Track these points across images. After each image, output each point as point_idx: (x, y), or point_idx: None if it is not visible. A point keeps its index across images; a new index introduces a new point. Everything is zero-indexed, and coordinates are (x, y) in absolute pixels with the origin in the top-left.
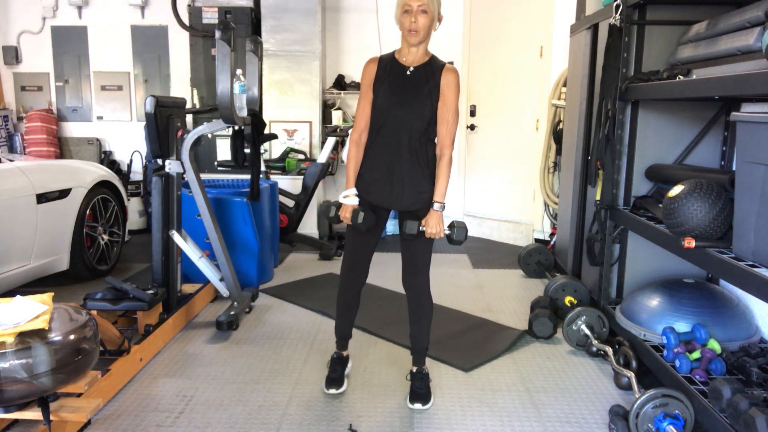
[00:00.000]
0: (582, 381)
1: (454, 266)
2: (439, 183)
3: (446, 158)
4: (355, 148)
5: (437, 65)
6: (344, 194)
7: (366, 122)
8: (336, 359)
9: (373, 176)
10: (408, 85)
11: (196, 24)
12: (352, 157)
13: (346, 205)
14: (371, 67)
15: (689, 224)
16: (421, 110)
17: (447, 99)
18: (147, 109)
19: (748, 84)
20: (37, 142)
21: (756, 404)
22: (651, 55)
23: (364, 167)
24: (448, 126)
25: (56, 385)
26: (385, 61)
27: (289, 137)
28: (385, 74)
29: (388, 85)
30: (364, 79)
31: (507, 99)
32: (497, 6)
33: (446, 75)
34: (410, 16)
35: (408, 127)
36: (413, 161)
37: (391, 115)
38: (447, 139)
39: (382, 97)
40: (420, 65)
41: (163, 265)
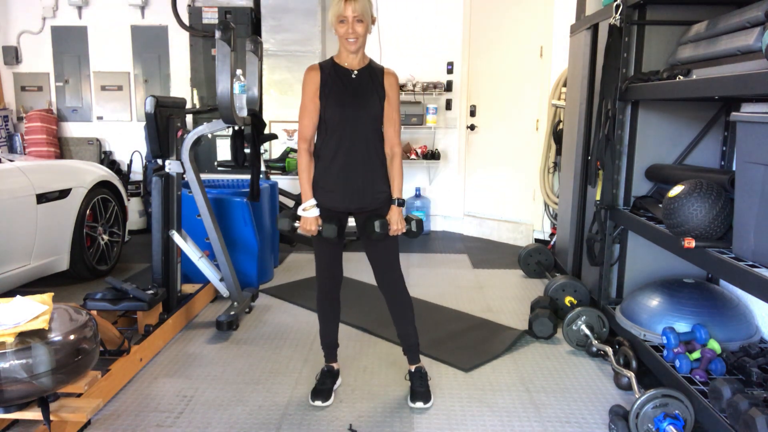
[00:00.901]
0: (582, 381)
1: (454, 266)
2: (395, 181)
3: (398, 156)
4: (307, 158)
5: (377, 68)
6: (303, 207)
7: (314, 130)
8: (326, 372)
9: (330, 182)
10: (356, 88)
11: (196, 24)
12: (304, 168)
13: (307, 217)
14: (313, 74)
15: (689, 224)
16: (373, 109)
17: (392, 100)
18: (147, 109)
19: (748, 84)
20: (37, 142)
21: (756, 404)
22: (651, 55)
23: (319, 175)
24: (396, 126)
25: (56, 385)
26: (327, 67)
27: (289, 137)
28: (330, 79)
29: (336, 90)
30: (308, 87)
31: (507, 99)
32: (497, 6)
33: (388, 77)
34: (346, 26)
35: (360, 128)
36: (368, 162)
37: (344, 119)
38: (395, 138)
39: (333, 102)
40: (363, 68)
41: (163, 265)
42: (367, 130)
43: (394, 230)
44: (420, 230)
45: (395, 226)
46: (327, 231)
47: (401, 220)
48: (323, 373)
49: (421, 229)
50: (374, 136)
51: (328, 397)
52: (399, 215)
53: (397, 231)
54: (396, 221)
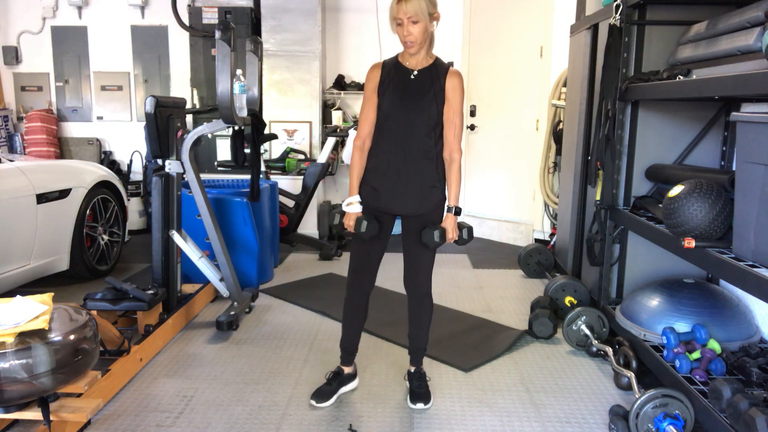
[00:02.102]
0: (582, 381)
1: (454, 266)
2: (452, 188)
3: (456, 162)
4: (359, 154)
5: (442, 68)
6: (347, 201)
7: (370, 128)
8: (336, 373)
9: (378, 182)
10: (413, 89)
11: (196, 24)
12: (355, 164)
13: (350, 213)
14: (375, 72)
15: (689, 224)
16: (427, 113)
17: (452, 102)
18: (147, 109)
19: (748, 84)
20: (37, 142)
21: (756, 404)
22: (651, 55)
23: (369, 173)
24: (456, 130)
25: (56, 385)
26: (389, 65)
27: (289, 137)
28: (389, 79)
29: (392, 89)
30: (369, 85)
31: (507, 99)
32: (497, 6)
33: (451, 78)
34: (402, 29)
35: (413, 130)
36: (419, 166)
37: (396, 119)
38: (455, 143)
39: (387, 102)
40: (424, 68)
41: (163, 265)
42: (420, 132)
43: (449, 238)
44: (470, 238)
45: (449, 234)
46: (357, 226)
47: (455, 229)
48: (334, 373)
49: (472, 237)
50: (428, 139)
51: (328, 398)
52: (454, 223)
53: (452, 239)
54: (451, 229)
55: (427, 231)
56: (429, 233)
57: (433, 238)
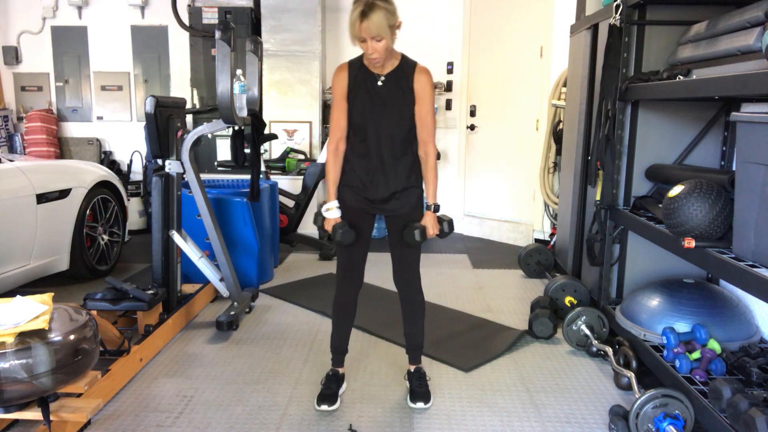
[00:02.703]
0: (582, 381)
1: (454, 266)
2: (429, 185)
3: (431, 159)
4: (334, 159)
5: (409, 68)
6: (326, 207)
7: (342, 132)
8: (331, 376)
9: (357, 183)
10: (382, 95)
11: (196, 24)
12: (330, 169)
13: (328, 218)
14: (341, 75)
15: (689, 224)
16: (398, 117)
17: (423, 101)
18: (147, 109)
19: (748, 84)
20: (37, 142)
21: (756, 404)
22: (651, 55)
23: (347, 175)
24: (428, 128)
25: (56, 385)
26: (356, 68)
27: (289, 137)
28: (357, 84)
29: (361, 97)
30: (337, 89)
31: (507, 99)
32: (497, 6)
33: (419, 77)
34: (367, 46)
35: (387, 134)
36: (396, 167)
37: (369, 125)
38: (429, 140)
39: (358, 108)
40: (391, 72)
41: (163, 265)
42: (394, 136)
43: (430, 234)
44: (451, 230)
45: (430, 231)
46: (337, 234)
47: (435, 225)
48: (328, 377)
49: (452, 229)
50: (402, 141)
51: (333, 401)
52: (433, 220)
53: (432, 235)
54: (431, 226)
55: (408, 230)
56: (410, 232)
57: (414, 237)
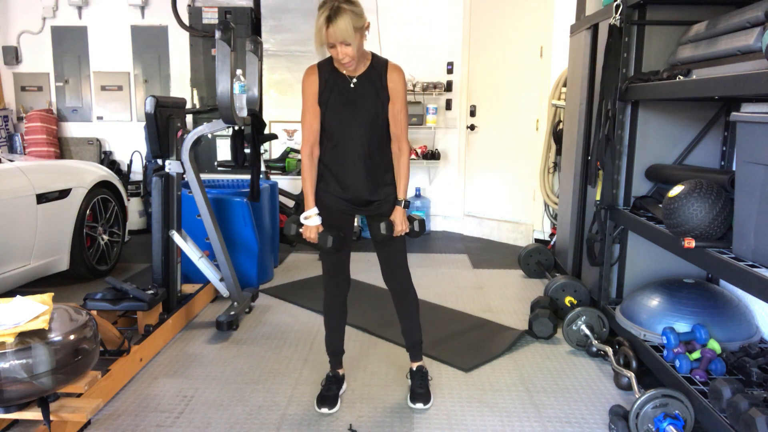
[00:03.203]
0: (582, 381)
1: (454, 266)
2: (401, 181)
3: (404, 156)
4: (309, 163)
5: (380, 66)
6: (305, 215)
7: (315, 136)
8: (331, 377)
9: (335, 186)
10: (355, 97)
11: (196, 24)
12: (307, 175)
13: (308, 226)
14: (311, 78)
15: (689, 224)
16: (373, 118)
17: (396, 98)
18: (147, 109)
19: (748, 84)
20: (37, 142)
21: (756, 404)
22: (651, 55)
23: (324, 179)
24: (401, 124)
25: (56, 385)
26: (326, 71)
27: (289, 137)
28: (328, 87)
29: (334, 99)
30: (307, 92)
31: (507, 99)
32: (497, 6)
33: (392, 75)
34: (336, 50)
35: (362, 136)
36: (373, 167)
37: (343, 129)
38: (402, 137)
39: (331, 112)
40: (363, 73)
41: (163, 265)
42: (369, 136)
43: (398, 231)
44: (422, 230)
45: (398, 227)
46: (322, 240)
47: (404, 221)
48: (329, 379)
49: (424, 229)
50: (377, 141)
51: (334, 403)
52: (402, 216)
53: (401, 232)
54: (400, 222)
55: (374, 224)
56: (375, 226)
57: (379, 230)
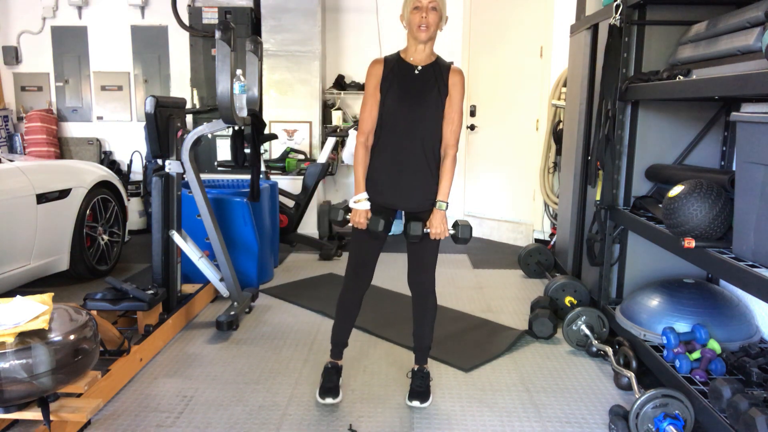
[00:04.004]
0: (582, 381)
1: (454, 266)
2: (443, 182)
3: (450, 158)
4: (363, 151)
5: (444, 65)
6: (355, 199)
7: (373, 124)
8: (331, 369)
9: (382, 178)
10: (417, 84)
11: (196, 24)
12: (360, 161)
13: (358, 210)
14: (377, 67)
15: (689, 224)
16: (432, 109)
17: (454, 99)
18: (147, 109)
19: (748, 84)
20: (37, 142)
21: (756, 404)
22: (651, 55)
23: (373, 169)
24: (454, 126)
25: (56, 385)
26: (391, 61)
27: (289, 137)
28: (393, 74)
29: (397, 85)
30: (370, 80)
31: (507, 99)
32: (497, 6)
33: (453, 75)
34: (420, 12)
35: (418, 127)
36: (423, 162)
37: (401, 115)
38: (452, 139)
39: (392, 97)
40: (428, 65)
41: (163, 265)
42: (424, 129)
43: (435, 234)
44: (468, 236)
45: (435, 230)
46: (373, 224)
47: (443, 224)
48: (328, 370)
49: (470, 235)
50: (431, 136)
51: (337, 393)
52: (441, 219)
53: (438, 235)
54: (437, 224)
55: (408, 223)
56: (412, 225)
57: (411, 230)
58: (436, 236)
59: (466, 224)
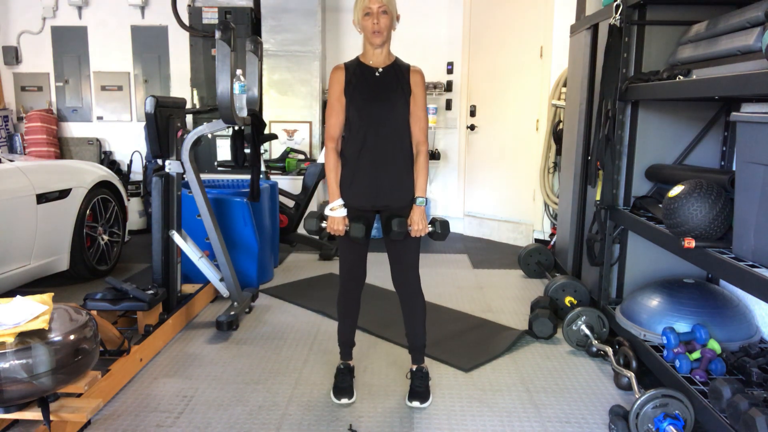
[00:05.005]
0: (582, 381)
1: (454, 266)
2: (419, 179)
3: (423, 155)
4: (334, 157)
5: (404, 66)
6: (331, 206)
7: (340, 130)
8: (343, 369)
9: (358, 180)
10: (380, 86)
11: (196, 24)
12: (332, 168)
13: (335, 217)
14: (339, 74)
15: (689, 224)
16: (397, 108)
17: (417, 98)
18: (147, 110)
19: (748, 84)
20: (37, 142)
21: (756, 404)
22: (651, 55)
23: (345, 174)
24: (421, 123)
25: (56, 385)
26: (352, 66)
27: (289, 137)
28: (355, 77)
29: (360, 88)
30: (334, 87)
31: (507, 99)
32: (497, 6)
33: (414, 75)
34: (372, 18)
35: (385, 127)
36: (396, 160)
37: (368, 117)
38: (421, 135)
39: (357, 100)
40: (388, 66)
41: (163, 265)
42: (392, 128)
43: (416, 231)
44: (445, 232)
45: (416, 226)
46: (354, 231)
47: (423, 220)
48: (341, 371)
49: (447, 231)
50: (399, 134)
51: (351, 394)
52: (420, 215)
53: (419, 232)
54: (417, 221)
55: (388, 221)
56: (389, 223)
57: (395, 227)
58: (417, 233)
59: (444, 221)
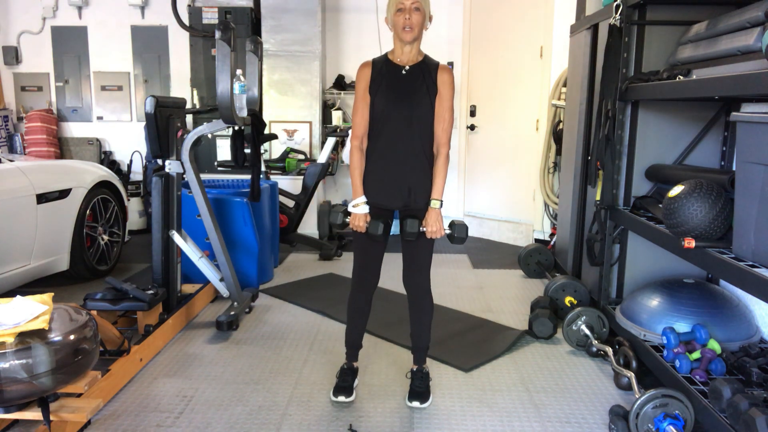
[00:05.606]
0: (582, 381)
1: (454, 266)
2: (436, 181)
3: (443, 156)
4: (359, 155)
5: (432, 64)
6: (354, 203)
7: (365, 127)
8: (346, 370)
9: (378, 179)
10: (405, 84)
11: (196, 24)
12: (356, 165)
13: (357, 214)
14: (365, 71)
15: (689, 224)
16: (421, 108)
17: (443, 97)
18: (147, 109)
19: (748, 84)
20: (37, 143)
21: (756, 404)
22: (651, 55)
23: (369, 171)
24: (445, 124)
25: (56, 385)
26: (379, 63)
27: (289, 137)
28: (381, 76)
29: (385, 86)
30: (360, 84)
31: (507, 99)
32: (497, 6)
33: (442, 74)
34: (404, 14)
35: (409, 125)
36: (417, 161)
37: (392, 116)
38: (444, 137)
39: (381, 98)
40: (415, 64)
41: (163, 265)
42: (416, 128)
43: (430, 232)
44: (464, 235)
45: (431, 228)
46: (372, 227)
47: (438, 222)
48: (343, 371)
49: (465, 234)
50: (423, 134)
51: (350, 393)
52: (436, 217)
53: (434, 234)
54: (432, 223)
55: (404, 221)
56: (407, 223)
57: (407, 227)
58: (432, 235)
59: (462, 224)
